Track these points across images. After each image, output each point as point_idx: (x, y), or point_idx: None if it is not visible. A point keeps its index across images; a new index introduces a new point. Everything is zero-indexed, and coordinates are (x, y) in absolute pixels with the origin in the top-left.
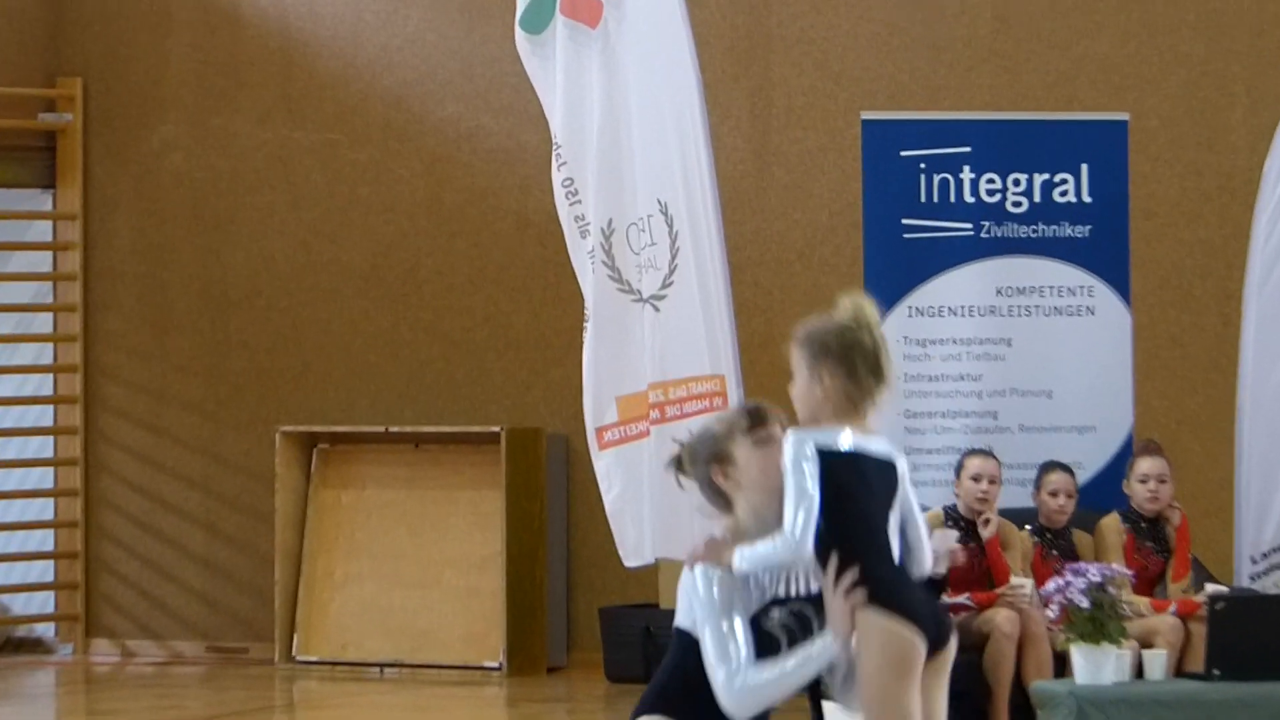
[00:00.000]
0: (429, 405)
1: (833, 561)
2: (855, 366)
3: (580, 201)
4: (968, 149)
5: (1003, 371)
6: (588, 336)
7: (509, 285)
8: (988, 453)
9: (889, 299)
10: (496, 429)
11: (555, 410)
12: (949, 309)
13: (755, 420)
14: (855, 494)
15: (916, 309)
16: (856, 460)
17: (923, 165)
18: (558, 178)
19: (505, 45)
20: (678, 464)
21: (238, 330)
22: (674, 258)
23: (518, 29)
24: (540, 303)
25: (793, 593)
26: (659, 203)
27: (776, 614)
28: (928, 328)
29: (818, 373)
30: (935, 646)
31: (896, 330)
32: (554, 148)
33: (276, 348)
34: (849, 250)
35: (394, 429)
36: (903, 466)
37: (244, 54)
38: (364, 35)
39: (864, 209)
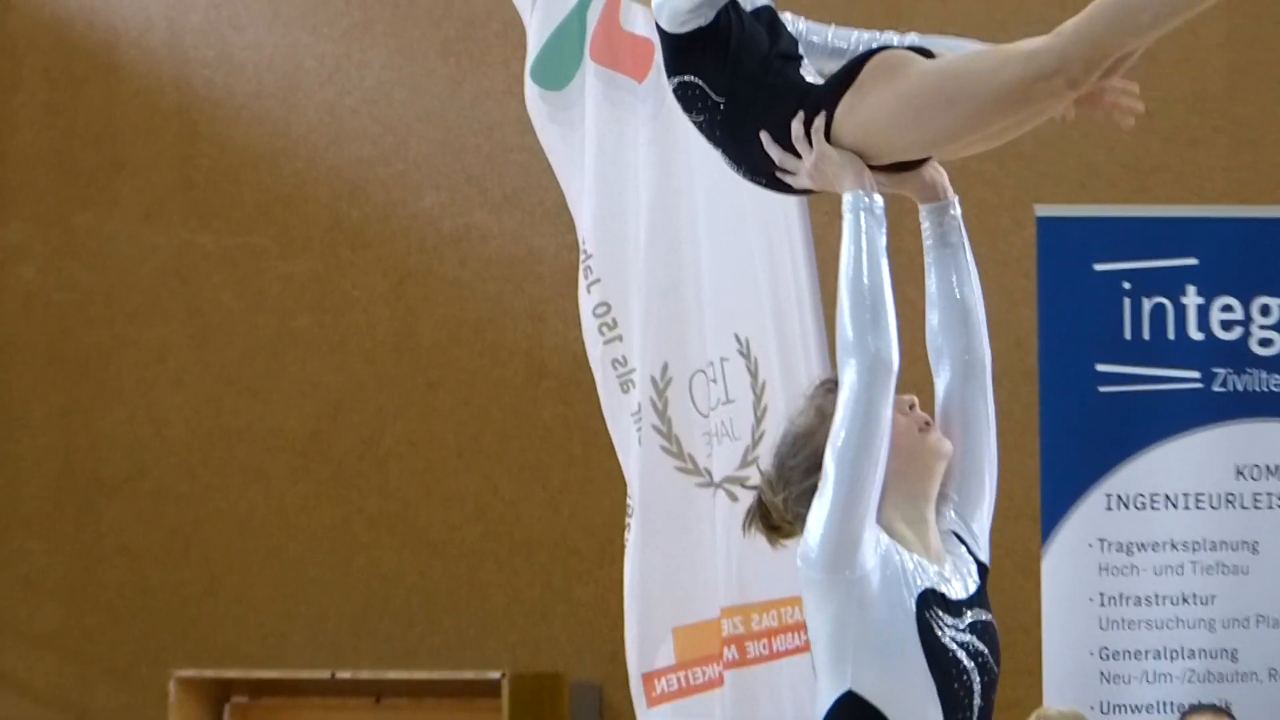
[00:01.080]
0: (396, 641)
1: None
2: None
3: (621, 338)
4: (1193, 261)
5: (1245, 590)
6: (631, 539)
7: (514, 462)
8: (1224, 711)
9: (1078, 482)
10: (496, 675)
11: (582, 648)
12: (1166, 498)
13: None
14: None
15: (1118, 498)
16: None
17: (1126, 284)
18: (587, 302)
19: (509, 105)
20: (763, 515)
21: (114, 527)
22: (760, 421)
23: (528, 82)
24: (560, 488)
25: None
26: (738, 340)
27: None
28: (1133, 525)
29: None
30: None
31: (1088, 528)
32: (582, 257)
33: (171, 555)
34: (1018, 410)
35: (345, 675)
36: None
37: (126, 118)
38: (303, 90)
39: (1040, 348)
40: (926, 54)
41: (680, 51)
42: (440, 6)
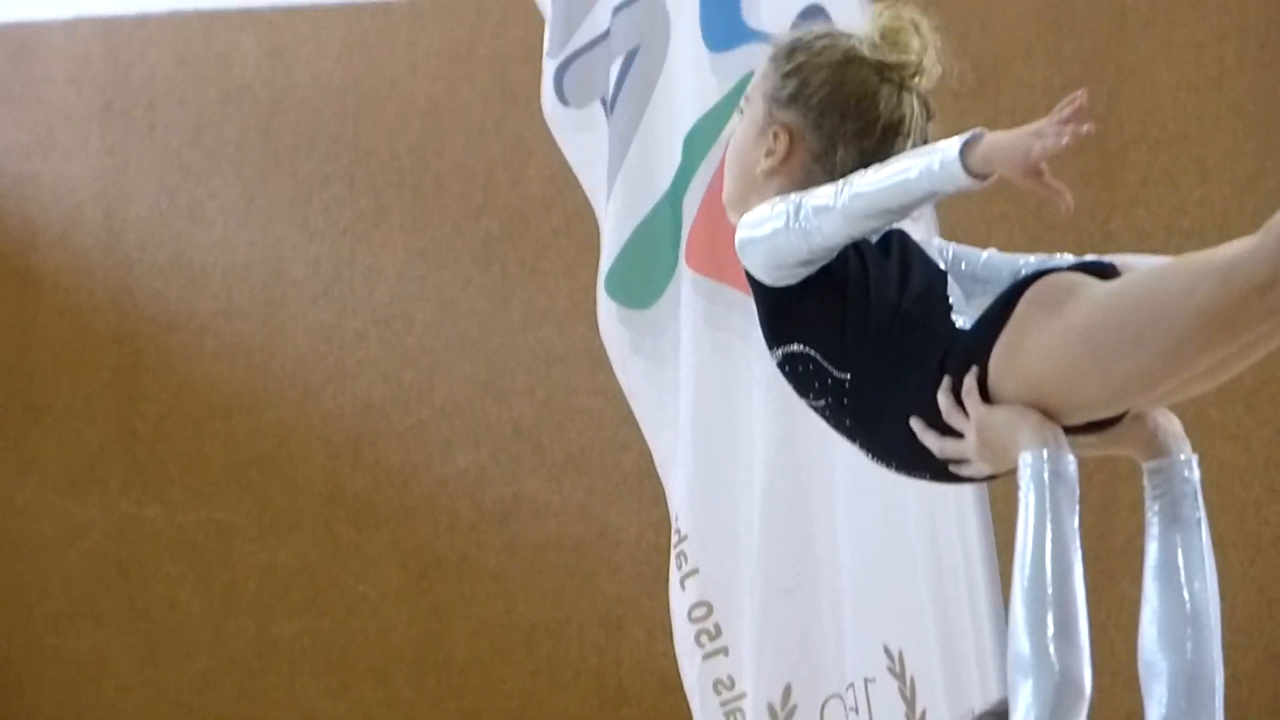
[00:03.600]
0: None
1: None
2: (837, 143)
3: (726, 651)
4: None
5: None
6: None
7: None
8: None
9: None
10: None
11: None
12: None
13: None
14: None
15: None
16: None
17: None
18: (681, 602)
19: (574, 329)
20: None
21: None
22: None
23: (602, 297)
24: None
25: None
26: (888, 655)
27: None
28: None
29: (776, 124)
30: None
31: None
32: (674, 540)
33: None
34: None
35: None
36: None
37: (45, 346)
38: (289, 309)
39: None
40: (1105, 273)
41: (783, 314)
42: (478, 190)
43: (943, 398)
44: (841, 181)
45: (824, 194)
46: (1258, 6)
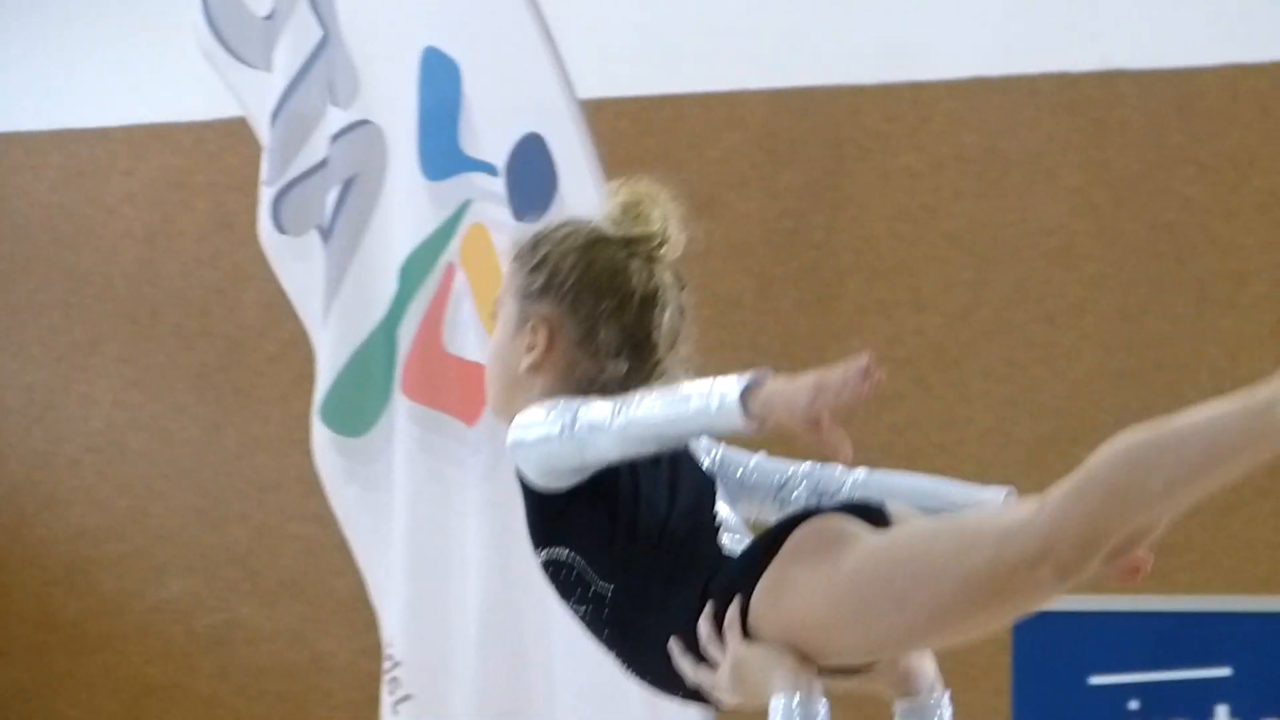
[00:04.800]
0: None
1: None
2: (598, 324)
3: None
4: (1226, 671)
5: None
6: None
7: None
8: None
9: None
10: None
11: None
12: None
13: None
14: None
15: None
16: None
17: (1134, 704)
18: None
19: (289, 457)
20: None
21: None
22: None
23: (317, 425)
24: None
25: None
26: None
27: None
28: None
29: (532, 317)
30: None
31: None
32: (386, 666)
33: None
34: None
35: None
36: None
37: None
38: (0, 436)
39: None
40: (874, 516)
41: (550, 517)
42: (194, 318)
43: (703, 626)
44: (620, 401)
45: (601, 411)
46: (974, 136)
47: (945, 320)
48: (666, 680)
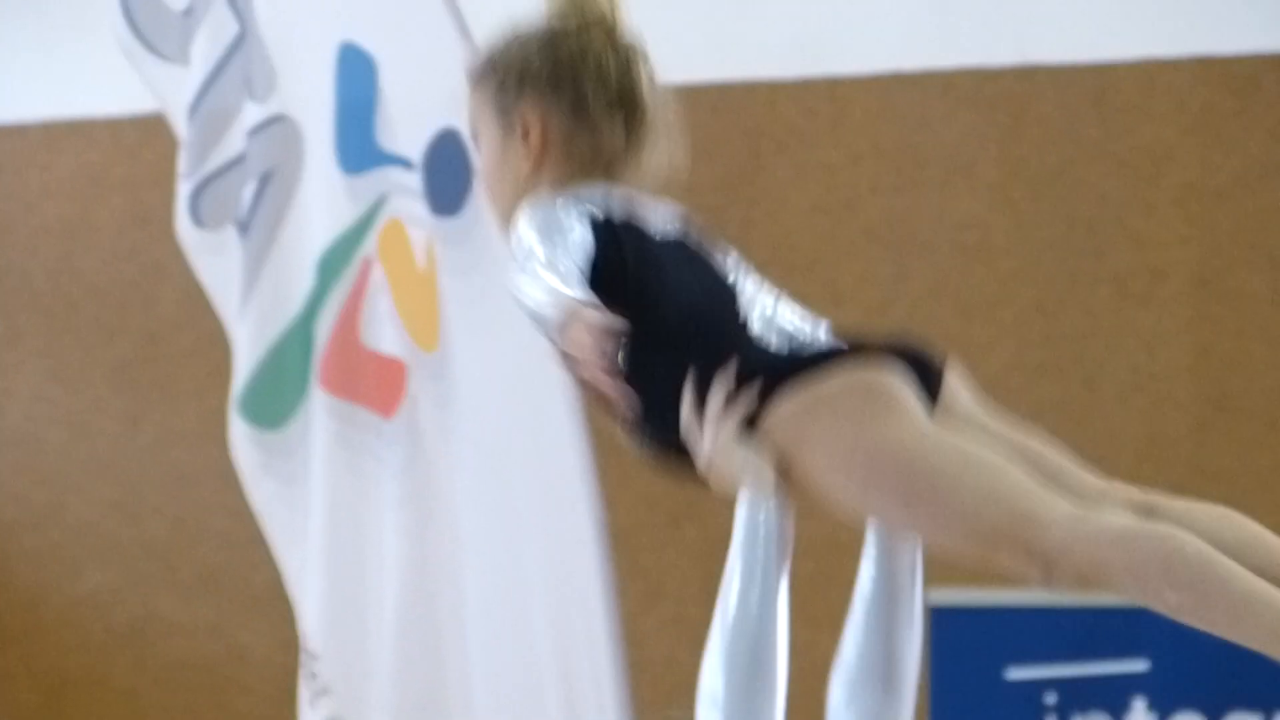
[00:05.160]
0: None
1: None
2: (585, 95)
3: None
4: (1142, 666)
5: None
6: None
7: None
8: None
9: None
10: None
11: None
12: None
13: None
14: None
15: None
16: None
17: (1050, 697)
18: None
19: (206, 451)
20: None
21: None
22: None
23: (234, 419)
24: None
25: None
26: None
27: None
28: None
29: (516, 118)
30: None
31: None
32: (303, 660)
33: None
34: None
35: None
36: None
37: None
38: None
39: None
40: (932, 379)
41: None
42: (111, 312)
43: (717, 390)
44: (560, 273)
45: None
46: (891, 130)
47: (863, 314)
48: (663, 433)
